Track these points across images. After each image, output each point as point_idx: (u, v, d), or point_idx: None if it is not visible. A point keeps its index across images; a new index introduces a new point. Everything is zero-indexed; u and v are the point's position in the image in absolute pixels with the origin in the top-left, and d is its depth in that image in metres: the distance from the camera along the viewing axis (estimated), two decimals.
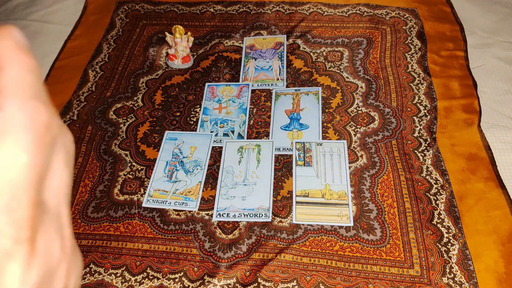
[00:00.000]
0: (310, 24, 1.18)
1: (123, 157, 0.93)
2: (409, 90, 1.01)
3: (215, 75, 1.09)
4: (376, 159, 0.89)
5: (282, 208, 0.83)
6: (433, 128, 0.93)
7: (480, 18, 1.19)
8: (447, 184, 0.84)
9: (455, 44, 1.12)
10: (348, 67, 1.07)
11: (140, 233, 0.81)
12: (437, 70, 1.05)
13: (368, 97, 1.00)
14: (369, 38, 1.14)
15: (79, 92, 1.06)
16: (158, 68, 1.11)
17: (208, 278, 0.74)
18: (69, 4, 1.30)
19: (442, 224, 0.79)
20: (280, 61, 1.10)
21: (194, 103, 1.02)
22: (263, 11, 1.23)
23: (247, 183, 0.86)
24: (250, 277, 0.74)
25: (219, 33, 1.19)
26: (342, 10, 1.21)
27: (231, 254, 0.77)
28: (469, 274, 0.73)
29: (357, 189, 0.84)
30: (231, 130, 0.96)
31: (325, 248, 0.77)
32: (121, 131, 0.97)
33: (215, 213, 0.82)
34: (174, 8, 1.27)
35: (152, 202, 0.84)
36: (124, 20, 1.24)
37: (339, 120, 0.96)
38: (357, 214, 0.81)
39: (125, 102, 1.03)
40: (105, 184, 0.88)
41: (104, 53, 1.15)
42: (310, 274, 0.74)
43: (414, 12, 1.20)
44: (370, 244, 0.77)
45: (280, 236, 0.79)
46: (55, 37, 1.21)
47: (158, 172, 0.89)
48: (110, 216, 0.83)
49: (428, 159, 0.88)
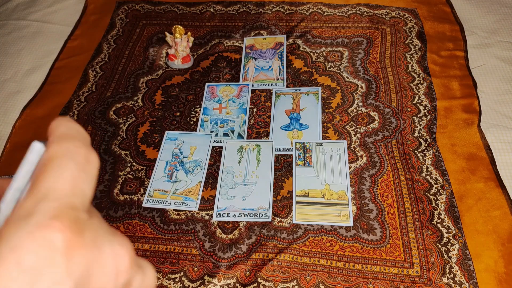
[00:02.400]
0: (310, 24, 1.19)
1: (123, 157, 0.93)
2: (409, 90, 1.01)
3: (215, 75, 1.09)
4: (376, 159, 0.89)
5: (282, 208, 0.83)
6: (433, 128, 0.93)
7: (480, 18, 1.19)
8: (447, 184, 0.84)
9: (455, 44, 1.12)
10: (348, 67, 1.07)
11: (140, 233, 0.81)
12: (437, 70, 1.05)
13: (368, 97, 1.00)
14: (369, 38, 1.14)
15: (79, 92, 1.06)
16: (158, 68, 1.11)
17: (208, 278, 0.74)
18: (69, 4, 1.30)
19: (442, 224, 0.79)
20: (280, 61, 1.10)
21: (194, 103, 1.02)
22: (263, 11, 1.23)
23: (247, 183, 0.86)
24: (250, 277, 0.74)
25: (219, 33, 1.19)
26: (342, 10, 1.21)
27: (231, 254, 0.77)
28: (469, 274, 0.73)
29: (357, 189, 0.84)
30: (231, 130, 0.96)
31: (325, 248, 0.77)
32: (121, 131, 0.97)
33: (215, 213, 0.82)
34: (174, 8, 1.27)
35: (152, 202, 0.85)
36: (124, 20, 1.24)
37: (339, 120, 0.96)
38: (357, 214, 0.81)
39: (125, 102, 1.03)
40: (105, 184, 0.88)
41: (104, 53, 1.15)
42: (310, 274, 0.74)
43: (414, 12, 1.20)
44: (370, 244, 0.77)
45: (280, 236, 0.79)
46: (55, 37, 1.21)
47: (158, 172, 0.89)
48: (110, 216, 0.83)
49: (428, 159, 0.88)
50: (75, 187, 0.17)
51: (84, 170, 0.18)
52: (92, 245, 0.16)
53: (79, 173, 0.17)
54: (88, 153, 0.18)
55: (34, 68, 1.13)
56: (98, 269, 0.16)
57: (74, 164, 0.17)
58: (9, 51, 1.17)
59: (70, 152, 0.18)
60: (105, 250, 0.17)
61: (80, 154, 0.18)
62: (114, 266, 0.17)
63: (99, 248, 0.16)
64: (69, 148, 0.18)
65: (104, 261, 0.16)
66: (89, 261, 0.16)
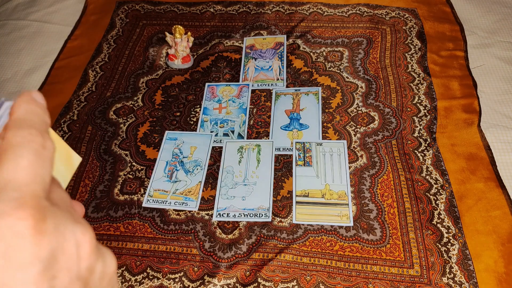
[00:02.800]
0: (310, 24, 1.19)
1: (123, 157, 0.93)
2: (409, 90, 1.01)
3: (215, 75, 1.09)
4: (376, 159, 0.89)
5: (282, 208, 0.83)
6: (433, 128, 0.93)
7: (480, 18, 1.19)
8: (447, 184, 0.84)
9: (455, 44, 1.12)
10: (348, 67, 1.07)
11: (140, 233, 0.81)
12: (437, 70, 1.05)
13: (368, 97, 1.00)
14: (369, 38, 1.14)
15: (79, 92, 1.06)
16: (158, 68, 1.11)
17: (208, 278, 0.74)
18: (69, 4, 1.30)
19: (442, 224, 0.79)
20: (280, 61, 1.10)
21: (194, 103, 1.02)
22: (263, 11, 1.23)
23: (247, 183, 0.86)
24: (250, 277, 0.74)
25: (219, 33, 1.19)
26: (342, 10, 1.21)
27: (231, 254, 0.77)
28: (469, 274, 0.73)
29: (357, 189, 0.84)
30: (231, 130, 0.96)
31: (325, 248, 0.77)
32: (121, 131, 0.97)
33: (215, 213, 0.82)
34: (174, 8, 1.27)
35: (152, 202, 0.85)
36: (124, 20, 1.24)
37: (339, 120, 0.96)
38: (357, 214, 0.81)
39: (125, 102, 1.03)
40: (105, 184, 0.88)
41: (104, 53, 1.15)
42: (310, 274, 0.74)
43: (414, 12, 1.20)
44: (370, 244, 0.77)
45: (280, 236, 0.79)
46: (55, 37, 1.21)
47: (158, 172, 0.89)
48: (110, 216, 0.83)
49: (428, 159, 0.88)
50: (34, 174, 0.17)
51: (40, 157, 0.18)
52: (55, 231, 0.17)
53: (36, 160, 0.18)
54: (44, 140, 0.19)
55: (34, 68, 1.13)
56: (61, 254, 0.17)
57: (30, 153, 0.18)
58: (9, 51, 1.17)
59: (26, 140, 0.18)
60: (67, 237, 0.17)
61: (35, 142, 0.18)
62: (75, 251, 0.18)
63: (62, 233, 0.17)
64: (25, 136, 0.18)
65: (67, 246, 0.17)
66: (54, 245, 0.16)
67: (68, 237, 0.17)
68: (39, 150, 0.18)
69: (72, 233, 0.18)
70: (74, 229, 0.18)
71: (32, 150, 0.18)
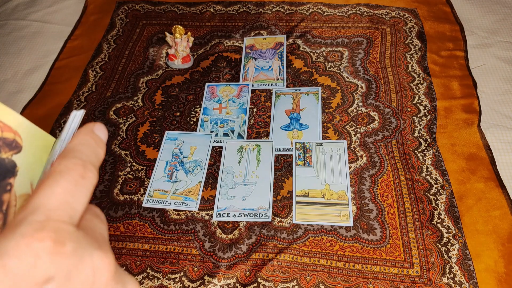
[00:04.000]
0: (310, 24, 1.19)
1: (123, 157, 0.93)
2: (409, 90, 1.01)
3: (215, 75, 1.09)
4: (376, 159, 0.89)
5: (282, 208, 0.83)
6: (433, 128, 0.93)
7: (480, 18, 1.19)
8: (447, 184, 0.84)
9: (455, 44, 1.12)
10: (348, 67, 1.07)
11: (140, 233, 0.81)
12: (437, 70, 1.05)
13: (368, 97, 1.00)
14: (369, 38, 1.14)
15: (79, 92, 1.06)
16: (158, 68, 1.11)
17: (208, 278, 0.74)
18: (69, 4, 1.30)
19: (442, 224, 0.79)
20: (280, 61, 1.10)
21: (194, 103, 1.02)
22: (263, 11, 1.23)
23: (247, 183, 0.86)
24: (250, 277, 0.74)
25: (219, 33, 1.19)
26: (342, 10, 1.21)
27: (231, 254, 0.77)
28: (469, 274, 0.73)
29: (357, 189, 0.84)
30: (231, 130, 0.96)
31: (325, 248, 0.77)
32: (121, 131, 0.97)
33: (215, 213, 0.82)
34: (174, 8, 1.27)
35: (152, 202, 0.85)
36: (124, 20, 1.24)
37: (339, 120, 0.96)
38: (357, 214, 0.81)
39: (125, 102, 1.03)
40: (105, 184, 0.88)
41: (104, 53, 1.15)
42: (310, 274, 0.74)
43: (414, 12, 1.20)
44: (370, 244, 0.77)
45: (280, 236, 0.79)
46: (55, 37, 1.21)
47: (158, 172, 0.89)
48: (110, 216, 0.83)
49: (428, 159, 0.88)
50: (64, 201, 0.18)
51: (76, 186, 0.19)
52: (72, 254, 0.17)
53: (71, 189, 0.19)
54: (84, 171, 0.20)
55: (34, 68, 1.13)
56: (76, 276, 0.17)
57: (66, 181, 0.19)
58: (9, 51, 1.17)
59: (66, 169, 0.19)
60: (85, 260, 0.18)
61: (75, 171, 0.20)
62: (91, 276, 0.18)
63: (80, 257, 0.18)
64: (67, 165, 0.20)
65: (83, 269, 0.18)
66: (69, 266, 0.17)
67: (86, 261, 0.18)
68: (77, 179, 0.19)
69: (90, 257, 0.18)
70: (93, 255, 0.18)
71: (69, 178, 0.19)
